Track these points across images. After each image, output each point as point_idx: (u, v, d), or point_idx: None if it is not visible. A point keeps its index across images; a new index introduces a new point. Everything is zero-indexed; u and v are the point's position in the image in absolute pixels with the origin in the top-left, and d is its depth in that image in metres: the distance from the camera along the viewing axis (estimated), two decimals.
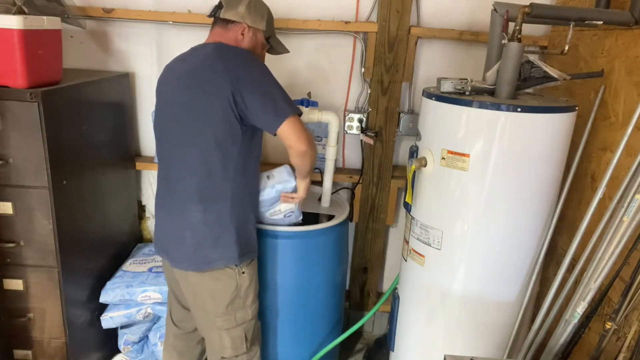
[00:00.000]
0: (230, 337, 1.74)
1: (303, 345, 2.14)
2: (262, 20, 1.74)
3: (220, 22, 1.71)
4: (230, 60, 1.59)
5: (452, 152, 1.56)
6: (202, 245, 1.65)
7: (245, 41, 1.72)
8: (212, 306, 1.72)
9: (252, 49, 1.74)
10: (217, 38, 1.71)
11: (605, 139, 1.67)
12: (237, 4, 1.69)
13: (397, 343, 1.95)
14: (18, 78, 1.65)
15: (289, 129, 1.57)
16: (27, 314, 1.91)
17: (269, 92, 1.58)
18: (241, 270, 1.70)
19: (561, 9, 1.78)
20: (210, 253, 1.65)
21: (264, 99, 1.57)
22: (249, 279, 1.73)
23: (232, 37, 1.70)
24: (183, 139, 1.63)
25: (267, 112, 1.57)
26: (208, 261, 1.66)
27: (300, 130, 1.59)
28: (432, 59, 2.33)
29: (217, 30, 1.72)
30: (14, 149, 1.72)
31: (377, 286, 2.61)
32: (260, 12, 1.74)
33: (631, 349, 1.40)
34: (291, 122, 1.57)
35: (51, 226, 1.79)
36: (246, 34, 1.72)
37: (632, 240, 1.42)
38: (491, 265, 1.63)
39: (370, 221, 2.45)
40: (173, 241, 1.71)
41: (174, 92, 1.66)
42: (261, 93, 1.57)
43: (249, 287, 1.74)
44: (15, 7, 1.75)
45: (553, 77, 1.60)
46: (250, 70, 1.60)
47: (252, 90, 1.56)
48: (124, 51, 2.38)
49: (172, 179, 1.68)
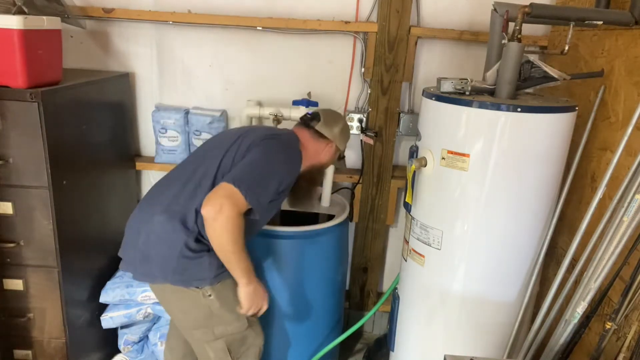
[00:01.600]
0: (212, 349, 1.68)
1: (303, 345, 2.14)
2: (345, 143, 1.91)
3: (313, 132, 1.81)
4: (265, 139, 1.67)
5: (452, 152, 1.56)
6: (148, 258, 1.59)
7: (324, 156, 1.85)
8: (185, 321, 1.68)
9: (327, 163, 1.89)
10: (301, 135, 1.80)
11: (605, 139, 1.67)
12: (334, 125, 1.83)
13: (397, 343, 1.95)
14: (18, 78, 1.65)
15: (219, 189, 1.51)
16: (27, 314, 1.90)
17: (251, 165, 1.59)
18: (206, 292, 1.59)
19: (561, 9, 1.78)
20: (152, 269, 1.59)
21: (244, 162, 1.59)
22: (219, 300, 1.61)
23: (317, 146, 1.82)
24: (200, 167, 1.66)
25: (233, 170, 1.58)
26: (152, 275, 1.60)
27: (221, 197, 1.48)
28: (432, 59, 2.33)
29: (305, 133, 1.81)
30: (14, 149, 1.72)
31: (377, 286, 2.61)
32: (347, 136, 1.91)
33: (631, 349, 1.40)
34: (226, 187, 1.50)
35: (51, 226, 1.79)
36: (330, 149, 1.85)
37: (632, 240, 1.42)
38: (491, 265, 1.63)
39: (370, 221, 2.45)
40: (130, 248, 1.66)
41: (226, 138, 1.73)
42: (249, 160, 1.60)
43: (222, 308, 1.62)
44: (15, 7, 1.75)
45: (553, 77, 1.60)
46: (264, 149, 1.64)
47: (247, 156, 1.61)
48: (124, 51, 2.38)
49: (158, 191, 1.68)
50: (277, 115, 2.12)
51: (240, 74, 2.38)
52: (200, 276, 1.58)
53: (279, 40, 2.32)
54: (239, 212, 1.50)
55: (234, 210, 1.49)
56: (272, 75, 2.37)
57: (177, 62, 2.37)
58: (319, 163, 1.86)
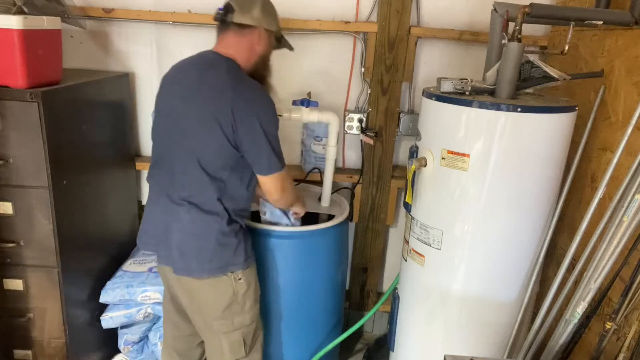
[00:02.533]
0: (228, 341, 1.72)
1: (303, 345, 2.14)
2: (275, 21, 1.69)
3: (234, 27, 1.62)
4: (240, 95, 1.55)
5: (452, 152, 1.56)
6: (186, 253, 1.63)
7: (261, 46, 1.67)
8: (208, 310, 1.70)
9: (266, 53, 1.71)
10: (230, 47, 1.64)
11: (605, 139, 1.67)
12: (250, 7, 1.61)
13: (397, 343, 1.95)
14: (18, 78, 1.65)
15: (272, 184, 1.65)
16: (27, 314, 1.90)
17: (267, 142, 1.58)
18: (237, 276, 1.67)
19: (561, 9, 1.78)
20: (191, 263, 1.63)
21: (259, 146, 1.58)
22: (247, 285, 1.70)
23: (248, 43, 1.64)
24: (185, 150, 1.60)
25: (259, 160, 1.60)
26: (190, 269, 1.64)
27: (281, 188, 1.67)
28: (432, 59, 2.33)
29: (230, 37, 1.64)
30: (14, 149, 1.72)
31: (377, 286, 2.61)
32: (273, 12, 1.70)
33: (631, 349, 1.40)
34: (276, 179, 1.64)
35: (51, 226, 1.79)
36: (262, 38, 1.66)
37: (632, 240, 1.42)
38: (491, 265, 1.63)
39: (370, 221, 2.45)
40: (159, 238, 1.68)
41: (179, 102, 1.62)
42: (256, 140, 1.57)
43: (247, 292, 1.70)
44: (15, 7, 1.75)
45: (553, 77, 1.60)
46: (255, 112, 1.56)
47: (249, 135, 1.56)
48: (124, 51, 2.38)
49: (169, 185, 1.66)
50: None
51: None
52: (235, 261, 1.66)
53: None
54: (291, 181, 1.75)
55: (290, 186, 1.73)
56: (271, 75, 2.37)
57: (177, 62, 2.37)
58: (258, 57, 1.69)
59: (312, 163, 2.41)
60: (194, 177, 1.60)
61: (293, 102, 2.14)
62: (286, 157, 2.65)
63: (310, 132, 2.40)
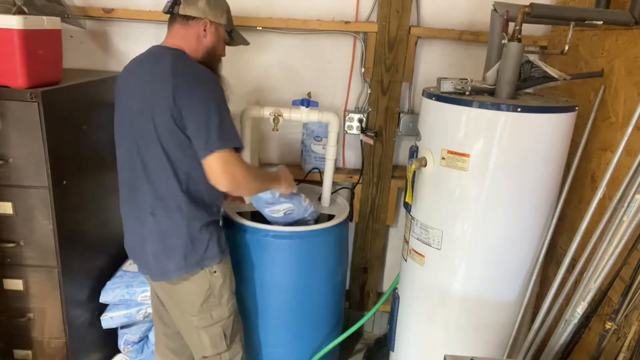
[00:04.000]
0: (208, 335, 1.72)
1: (303, 345, 2.14)
2: (223, 14, 1.69)
3: (180, 19, 1.63)
4: (180, 77, 1.51)
5: (452, 152, 1.56)
6: (160, 256, 1.63)
7: (207, 38, 1.66)
8: (187, 306, 1.70)
9: (214, 45, 1.69)
10: (177, 38, 1.64)
11: (605, 139, 1.67)
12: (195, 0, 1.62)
13: (397, 343, 1.95)
14: (18, 78, 1.65)
15: (213, 164, 1.49)
16: (27, 314, 1.90)
17: (207, 119, 1.49)
18: (212, 270, 1.67)
19: (561, 9, 1.78)
20: (168, 264, 1.63)
21: (199, 124, 1.49)
22: (222, 277, 1.70)
23: (194, 35, 1.64)
24: (140, 147, 1.58)
25: (198, 139, 1.50)
26: (167, 271, 1.63)
27: (223, 169, 1.50)
28: (432, 59, 2.33)
29: (177, 29, 1.65)
30: (14, 149, 1.72)
31: (377, 286, 2.61)
32: (221, 6, 1.68)
33: (631, 349, 1.40)
34: (217, 158, 1.49)
35: (51, 226, 1.79)
36: (208, 30, 1.66)
37: (632, 240, 1.42)
38: (491, 265, 1.63)
39: (370, 221, 2.45)
40: (137, 249, 1.71)
41: (132, 99, 1.60)
42: (197, 118, 1.49)
43: (223, 285, 1.70)
44: (15, 7, 1.75)
45: (553, 77, 1.60)
46: (196, 90, 1.51)
47: (191, 113, 1.49)
48: (124, 51, 2.38)
49: (134, 187, 1.65)
50: (276, 116, 2.12)
51: (239, 74, 2.38)
52: (209, 254, 1.65)
53: (279, 40, 2.32)
54: (243, 164, 1.55)
55: (241, 169, 1.54)
56: (271, 75, 2.38)
57: None
58: (205, 49, 1.68)
59: (312, 163, 2.41)
60: (157, 171, 1.58)
61: (293, 102, 2.14)
62: (286, 157, 2.66)
63: (310, 132, 2.40)
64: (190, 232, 1.61)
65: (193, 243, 1.62)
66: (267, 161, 2.52)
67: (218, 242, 1.67)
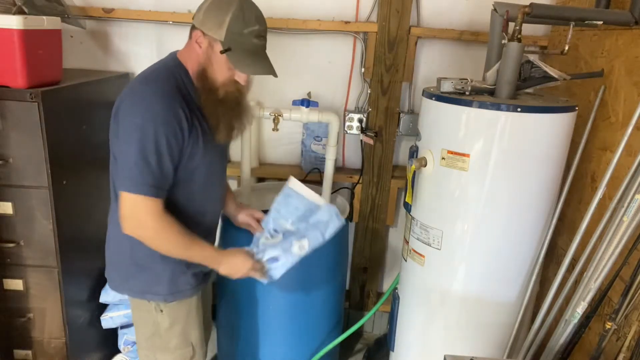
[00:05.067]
0: None
1: (303, 345, 2.13)
2: (222, 28, 1.31)
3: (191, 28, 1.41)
4: (126, 95, 1.36)
5: (452, 152, 1.56)
6: (108, 261, 1.57)
7: (202, 54, 1.37)
8: (136, 332, 1.59)
9: (206, 65, 1.38)
10: (185, 48, 1.45)
11: (605, 139, 1.67)
12: (203, 4, 1.38)
13: (397, 343, 1.95)
14: (18, 78, 1.65)
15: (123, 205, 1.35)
16: (27, 314, 1.90)
17: (124, 153, 1.34)
18: (158, 307, 1.48)
19: (561, 9, 1.78)
20: (110, 272, 1.55)
21: (121, 153, 1.35)
22: (170, 321, 1.48)
23: (191, 47, 1.40)
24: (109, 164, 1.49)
25: (117, 169, 1.37)
26: (110, 279, 1.56)
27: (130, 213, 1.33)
28: (432, 59, 2.33)
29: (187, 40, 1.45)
30: (14, 149, 1.72)
31: (377, 286, 2.61)
32: (219, 15, 1.32)
33: (631, 349, 1.40)
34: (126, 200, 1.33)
35: (51, 226, 1.79)
36: (202, 43, 1.36)
37: (632, 240, 1.42)
38: (491, 265, 1.63)
39: (370, 221, 2.45)
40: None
41: None
42: (119, 147, 1.36)
43: (171, 329, 1.49)
44: (15, 7, 1.75)
45: (553, 77, 1.60)
46: (129, 114, 1.32)
47: (118, 141, 1.36)
48: (124, 51, 2.38)
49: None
50: (276, 116, 2.11)
51: None
52: (155, 289, 1.47)
53: (279, 40, 2.32)
54: (157, 212, 1.31)
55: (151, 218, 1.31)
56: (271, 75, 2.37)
57: None
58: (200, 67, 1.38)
59: (312, 163, 2.41)
60: (111, 187, 1.52)
61: (293, 102, 2.14)
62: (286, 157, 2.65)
63: (310, 132, 2.40)
64: (133, 255, 1.45)
65: (138, 269, 1.46)
66: (267, 161, 2.52)
67: (172, 280, 1.46)
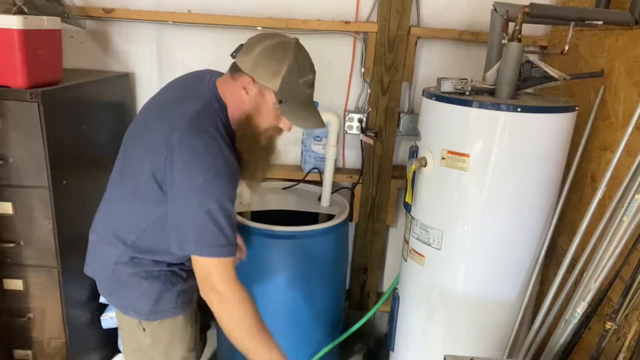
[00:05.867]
0: None
1: (303, 345, 2.14)
2: (276, 77, 1.26)
3: (234, 66, 1.32)
4: (179, 142, 1.22)
5: (452, 152, 1.56)
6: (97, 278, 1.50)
7: (249, 101, 1.30)
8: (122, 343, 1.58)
9: (254, 113, 1.32)
10: (222, 85, 1.34)
11: (605, 139, 1.67)
12: (253, 48, 1.28)
13: (397, 343, 1.95)
14: (18, 78, 1.65)
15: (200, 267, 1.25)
16: (27, 314, 1.90)
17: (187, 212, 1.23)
18: (141, 325, 1.42)
19: (561, 9, 1.78)
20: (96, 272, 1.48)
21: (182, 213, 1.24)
22: (152, 340, 1.43)
23: (236, 90, 1.31)
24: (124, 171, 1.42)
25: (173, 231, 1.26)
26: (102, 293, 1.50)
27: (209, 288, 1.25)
28: (432, 59, 2.33)
29: (227, 76, 1.35)
30: (14, 149, 1.72)
31: (377, 286, 2.61)
32: (274, 65, 1.26)
33: (631, 349, 1.40)
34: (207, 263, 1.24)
35: (51, 226, 1.79)
36: (251, 90, 1.29)
37: (632, 240, 1.42)
38: (491, 265, 1.63)
39: (370, 221, 2.45)
40: None
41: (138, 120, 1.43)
42: (182, 207, 1.24)
43: (153, 347, 1.44)
44: (15, 7, 1.75)
45: (553, 77, 1.60)
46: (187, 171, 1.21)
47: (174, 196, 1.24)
48: (124, 51, 2.38)
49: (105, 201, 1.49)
50: None
51: None
52: (137, 307, 1.40)
53: None
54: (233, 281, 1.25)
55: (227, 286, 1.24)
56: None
57: (177, 62, 2.37)
58: (242, 113, 1.31)
59: (312, 163, 2.41)
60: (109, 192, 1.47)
61: None
62: (286, 157, 2.66)
63: (310, 132, 2.40)
64: (116, 271, 1.39)
65: (120, 284, 1.39)
66: None
67: (157, 300, 1.38)
